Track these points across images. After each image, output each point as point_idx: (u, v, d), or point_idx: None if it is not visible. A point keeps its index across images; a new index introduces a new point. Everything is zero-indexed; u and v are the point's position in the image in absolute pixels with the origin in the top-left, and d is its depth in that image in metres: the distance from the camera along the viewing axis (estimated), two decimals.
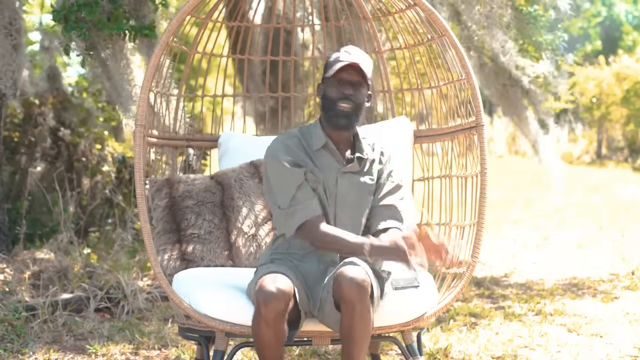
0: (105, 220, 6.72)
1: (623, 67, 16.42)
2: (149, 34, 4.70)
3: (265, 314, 2.96)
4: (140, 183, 3.40)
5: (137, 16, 4.73)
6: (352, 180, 3.27)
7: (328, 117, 3.24)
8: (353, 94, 3.22)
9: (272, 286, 2.96)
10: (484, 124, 3.60)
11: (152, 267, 3.50)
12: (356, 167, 3.26)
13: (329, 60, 3.29)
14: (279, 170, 3.21)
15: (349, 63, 3.19)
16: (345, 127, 3.23)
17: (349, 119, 3.23)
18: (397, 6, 4.00)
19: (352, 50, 3.28)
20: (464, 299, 5.61)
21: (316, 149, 3.25)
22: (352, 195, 3.26)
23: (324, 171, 3.24)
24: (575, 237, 8.55)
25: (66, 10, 4.60)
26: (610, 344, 4.46)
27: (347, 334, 3.04)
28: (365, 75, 3.21)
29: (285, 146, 3.25)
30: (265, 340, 3.02)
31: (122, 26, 4.61)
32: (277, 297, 2.95)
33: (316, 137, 3.27)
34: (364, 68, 3.21)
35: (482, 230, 3.44)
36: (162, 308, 5.08)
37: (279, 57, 4.52)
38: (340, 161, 3.27)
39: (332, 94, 3.23)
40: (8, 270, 5.44)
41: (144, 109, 3.50)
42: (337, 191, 3.24)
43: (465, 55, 3.65)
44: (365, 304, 3.00)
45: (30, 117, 6.80)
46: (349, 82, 3.22)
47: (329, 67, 3.26)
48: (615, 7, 25.13)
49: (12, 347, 4.24)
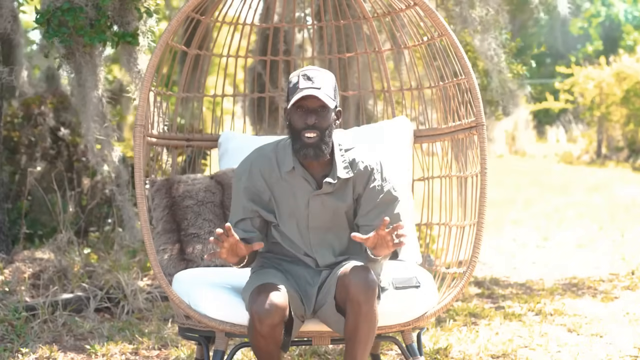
0: (105, 220, 6.72)
1: (623, 67, 16.42)
2: (132, 42, 4.69)
3: (260, 328, 2.98)
4: (140, 183, 3.40)
5: (122, 22, 4.73)
6: (325, 202, 3.18)
7: (296, 149, 3.14)
8: (317, 121, 3.10)
9: (265, 302, 2.95)
10: (484, 123, 3.60)
11: (152, 267, 3.50)
12: (328, 188, 3.16)
13: (289, 86, 3.16)
14: (235, 193, 3.24)
15: (308, 95, 3.07)
16: (315, 157, 3.12)
17: (317, 148, 3.11)
18: (397, 6, 4.00)
19: (310, 73, 3.13)
20: (464, 299, 5.61)
21: (286, 171, 3.18)
22: (324, 217, 3.19)
23: (295, 192, 3.17)
24: (575, 237, 8.54)
25: (50, 14, 4.58)
26: (610, 344, 4.46)
27: (352, 335, 3.03)
28: (327, 100, 3.09)
29: (249, 173, 3.20)
30: (262, 349, 3.06)
31: (103, 36, 4.60)
32: (271, 314, 2.96)
33: (287, 160, 3.18)
34: (324, 94, 3.08)
35: (482, 230, 3.44)
36: (162, 308, 5.08)
37: (279, 57, 4.52)
38: (312, 182, 3.18)
39: (296, 124, 3.12)
40: (8, 270, 5.44)
41: (144, 109, 3.50)
42: (308, 213, 3.18)
43: (465, 55, 3.65)
44: (372, 305, 3.00)
45: (30, 117, 6.80)
46: (311, 110, 3.10)
47: (290, 94, 3.14)
48: (615, 7, 25.13)
49: (12, 347, 4.24)
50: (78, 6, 4.58)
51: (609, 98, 16.74)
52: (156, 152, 4.06)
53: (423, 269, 3.59)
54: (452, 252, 3.66)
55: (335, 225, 3.22)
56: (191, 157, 4.76)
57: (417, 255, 3.85)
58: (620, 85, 16.49)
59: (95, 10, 4.64)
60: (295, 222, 3.20)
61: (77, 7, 4.58)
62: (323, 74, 3.14)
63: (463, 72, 3.66)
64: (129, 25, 4.72)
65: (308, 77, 3.11)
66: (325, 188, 3.16)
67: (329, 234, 3.22)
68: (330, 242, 3.22)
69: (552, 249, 7.97)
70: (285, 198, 3.18)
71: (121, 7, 4.71)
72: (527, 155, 19.04)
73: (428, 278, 3.43)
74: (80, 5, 4.60)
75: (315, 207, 3.18)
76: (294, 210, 3.19)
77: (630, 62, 16.62)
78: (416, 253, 3.85)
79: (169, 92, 4.07)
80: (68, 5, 4.55)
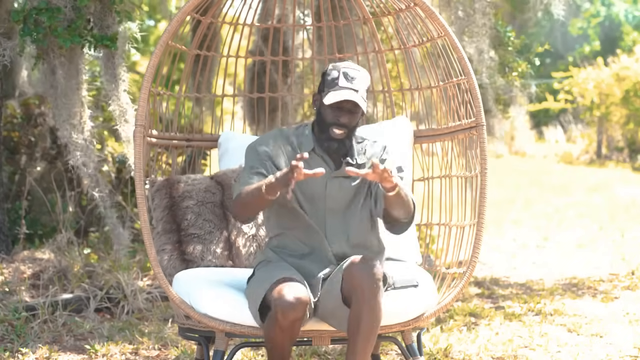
0: (105, 220, 6.71)
1: (622, 68, 16.41)
2: (110, 45, 4.67)
3: (282, 322, 2.98)
4: (140, 183, 3.40)
5: (101, 26, 4.71)
6: (343, 184, 3.24)
7: (320, 140, 3.22)
8: (349, 120, 3.18)
9: (290, 295, 2.96)
10: (484, 124, 3.60)
11: (152, 267, 3.50)
12: (344, 173, 3.20)
13: (327, 78, 3.21)
14: (252, 158, 3.22)
15: (348, 99, 3.13)
16: (337, 151, 3.22)
17: (342, 143, 3.21)
18: (397, 6, 4.00)
19: (351, 72, 3.18)
20: (464, 299, 5.61)
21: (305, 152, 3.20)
22: (342, 199, 3.23)
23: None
24: (575, 237, 8.55)
25: (26, 12, 4.57)
26: (610, 344, 4.46)
27: (355, 327, 3.02)
28: (362, 104, 3.15)
29: (272, 144, 3.23)
30: (278, 343, 3.06)
31: (77, 39, 4.58)
32: (294, 307, 2.96)
33: (306, 141, 3.25)
34: (361, 98, 3.15)
35: (482, 230, 3.44)
36: (162, 308, 5.08)
37: (279, 57, 4.52)
38: (330, 165, 3.24)
39: (327, 117, 3.19)
40: (8, 270, 5.44)
41: (144, 109, 3.50)
42: (325, 194, 3.22)
43: (465, 56, 3.65)
44: (376, 295, 2.99)
45: (30, 117, 6.79)
46: (345, 110, 3.17)
47: (327, 86, 3.19)
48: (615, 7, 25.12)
49: (12, 347, 4.24)
50: (56, 7, 4.56)
51: (609, 98, 16.73)
52: (156, 152, 4.05)
53: (423, 269, 3.59)
54: (452, 252, 3.67)
55: (351, 211, 3.24)
56: (191, 157, 4.76)
57: (417, 256, 3.86)
58: (620, 86, 16.48)
59: (74, 12, 4.62)
60: (312, 205, 3.22)
61: (55, 7, 4.56)
62: (362, 75, 3.20)
63: (463, 73, 3.66)
64: (108, 28, 4.70)
65: (349, 76, 3.17)
66: (342, 170, 3.20)
67: (344, 220, 3.23)
68: (345, 230, 3.23)
69: (552, 249, 7.97)
70: (303, 180, 3.17)
71: (102, 9, 4.70)
72: (527, 156, 19.03)
73: (428, 278, 3.44)
74: (59, 5, 4.58)
75: (333, 189, 3.22)
76: (312, 193, 3.21)
77: (629, 62, 16.61)
78: (416, 253, 3.85)
79: (168, 92, 4.07)
80: (45, 5, 4.53)
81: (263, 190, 3.02)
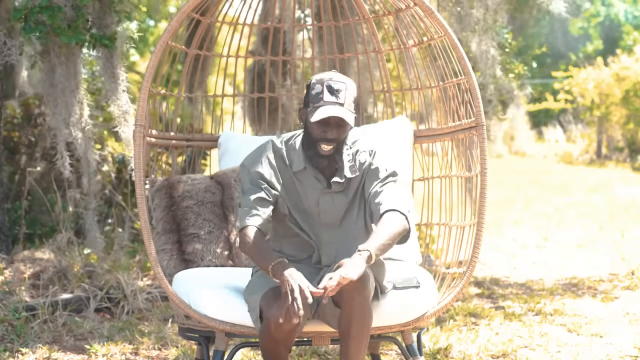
0: (105, 220, 6.71)
1: (622, 68, 16.41)
2: (108, 45, 4.67)
3: (276, 333, 2.97)
4: (140, 183, 3.40)
5: (100, 25, 4.71)
6: (335, 198, 3.20)
7: (309, 156, 3.15)
8: (337, 135, 3.10)
9: (283, 307, 2.90)
10: (484, 124, 3.60)
11: (152, 267, 3.50)
12: (338, 187, 3.18)
13: (311, 92, 3.11)
14: (250, 172, 3.17)
15: (333, 115, 3.04)
16: (327, 167, 3.16)
17: (331, 158, 3.14)
18: (397, 6, 4.00)
19: (335, 84, 3.08)
20: (464, 299, 5.61)
21: (296, 171, 3.18)
22: (336, 213, 3.20)
23: (305, 191, 3.19)
24: (575, 237, 8.54)
25: (27, 10, 4.57)
26: (610, 344, 4.46)
27: (345, 331, 3.02)
28: (348, 118, 3.07)
29: (264, 163, 3.17)
30: (273, 352, 3.07)
31: (81, 37, 4.58)
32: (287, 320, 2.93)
33: (297, 159, 3.18)
34: (347, 111, 3.06)
35: (482, 230, 3.44)
36: (162, 308, 5.08)
37: (279, 57, 4.52)
38: (322, 181, 3.19)
39: (314, 133, 3.10)
40: (8, 270, 5.44)
41: (144, 109, 3.50)
42: (319, 210, 3.19)
43: (465, 56, 3.64)
44: (364, 297, 2.98)
45: (30, 117, 6.80)
46: (332, 125, 3.09)
47: (311, 101, 3.10)
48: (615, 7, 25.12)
49: (12, 347, 4.24)
50: (57, 5, 4.56)
51: (609, 98, 16.73)
52: (156, 152, 4.05)
53: (423, 269, 3.59)
54: (452, 252, 3.66)
55: (346, 223, 3.22)
56: (191, 157, 4.76)
57: (417, 255, 3.85)
58: (620, 86, 16.48)
59: (74, 11, 4.61)
60: (307, 221, 3.20)
61: (56, 5, 4.55)
62: (346, 86, 3.09)
63: (463, 73, 3.66)
64: (107, 28, 4.70)
65: (332, 89, 3.07)
66: (334, 187, 3.18)
67: (340, 233, 3.21)
68: (342, 242, 3.21)
69: (552, 249, 7.97)
70: (296, 195, 3.18)
71: (101, 9, 4.70)
72: (527, 156, 19.03)
73: (428, 278, 3.43)
74: (59, 4, 4.58)
75: (326, 204, 3.19)
76: (306, 209, 3.19)
77: (629, 62, 16.61)
78: (416, 253, 3.85)
79: (168, 92, 4.07)
80: (46, 3, 4.53)
81: (269, 272, 3.00)
